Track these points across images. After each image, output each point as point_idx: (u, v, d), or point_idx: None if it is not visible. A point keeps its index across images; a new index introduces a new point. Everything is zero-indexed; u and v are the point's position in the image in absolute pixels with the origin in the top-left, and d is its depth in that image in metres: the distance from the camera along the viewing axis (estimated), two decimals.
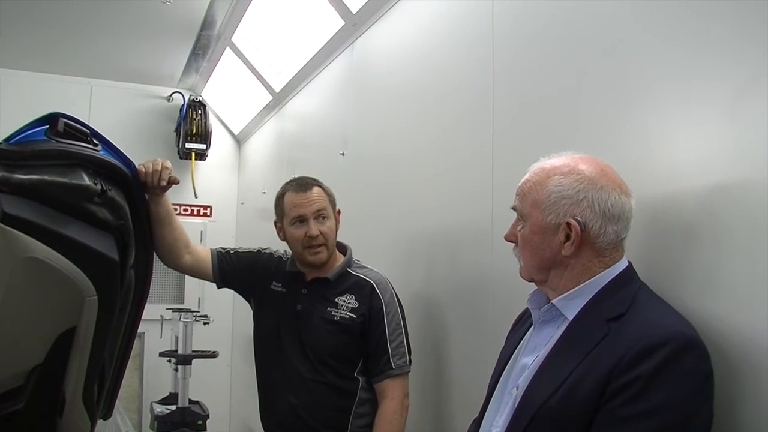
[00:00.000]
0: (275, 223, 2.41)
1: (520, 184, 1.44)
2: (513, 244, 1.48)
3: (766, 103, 1.21)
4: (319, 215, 2.29)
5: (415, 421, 2.37)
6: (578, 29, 1.77)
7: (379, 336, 2.23)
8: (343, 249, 2.42)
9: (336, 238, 2.37)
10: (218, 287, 2.47)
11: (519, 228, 1.44)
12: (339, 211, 2.40)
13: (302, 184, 2.34)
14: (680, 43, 1.41)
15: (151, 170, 2.03)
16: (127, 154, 1.97)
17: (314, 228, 2.27)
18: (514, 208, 1.46)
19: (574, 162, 1.38)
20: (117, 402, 2.21)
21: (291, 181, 2.41)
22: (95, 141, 1.83)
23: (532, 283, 1.47)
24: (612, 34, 1.64)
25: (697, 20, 1.38)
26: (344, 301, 2.27)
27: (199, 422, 4.38)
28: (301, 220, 2.29)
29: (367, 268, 2.38)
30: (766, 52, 1.21)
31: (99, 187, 1.75)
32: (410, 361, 2.27)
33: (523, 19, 2.03)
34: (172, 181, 2.08)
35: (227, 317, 5.37)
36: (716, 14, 1.33)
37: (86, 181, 1.73)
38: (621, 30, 1.60)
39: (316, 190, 2.33)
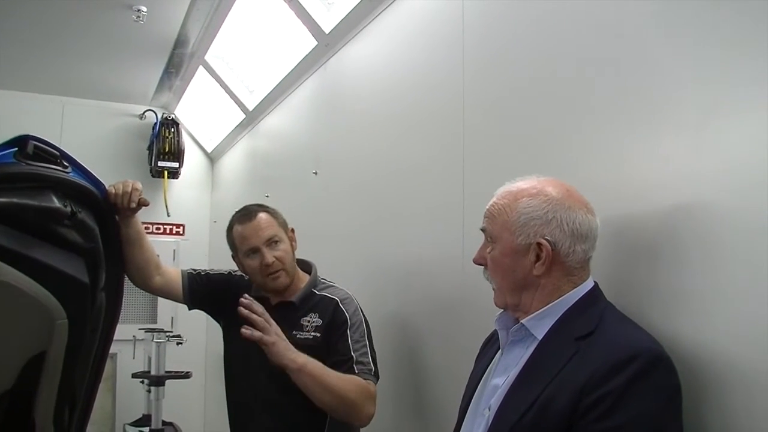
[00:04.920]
0: (233, 257, 2.38)
1: (488, 206, 1.46)
2: (482, 267, 1.48)
3: (727, 126, 1.24)
4: (271, 241, 2.26)
5: None
6: (545, 51, 1.80)
7: (342, 345, 2.16)
8: (307, 267, 2.38)
9: (294, 258, 2.33)
10: (189, 308, 2.45)
11: (489, 250, 1.45)
12: (293, 230, 2.36)
13: (247, 214, 2.30)
14: (646, 66, 1.44)
15: (121, 192, 2.02)
16: (98, 174, 1.96)
17: (268, 256, 2.23)
18: (483, 230, 1.47)
19: (540, 184, 1.41)
20: (89, 425, 2.17)
21: (236, 213, 2.37)
22: (65, 163, 1.81)
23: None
24: (577, 57, 1.67)
25: (662, 43, 1.41)
26: (309, 321, 2.23)
27: None
28: (254, 250, 2.25)
29: (334, 286, 2.35)
30: (728, 78, 1.25)
31: (69, 209, 1.74)
32: (376, 375, 2.17)
33: (493, 41, 2.06)
34: (142, 203, 2.06)
35: (201, 337, 5.32)
36: (682, 38, 1.36)
37: (56, 203, 1.71)
38: (586, 51, 1.63)
39: (262, 216, 2.29)
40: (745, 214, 1.20)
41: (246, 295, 2.05)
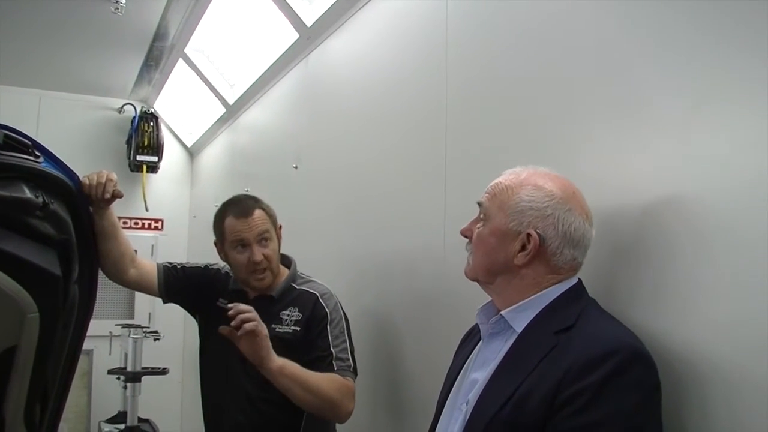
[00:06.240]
0: (215, 243, 2.35)
1: (493, 182, 1.44)
2: (466, 241, 1.47)
3: (715, 121, 1.24)
4: (262, 238, 2.24)
5: None
6: (530, 46, 1.78)
7: (322, 341, 2.15)
8: (287, 262, 2.37)
9: (279, 257, 2.31)
10: (164, 302, 2.42)
11: (478, 226, 1.44)
12: (281, 227, 2.35)
13: (243, 209, 2.26)
14: (634, 61, 1.43)
15: (95, 182, 1.99)
16: (75, 168, 1.92)
17: (257, 253, 2.21)
18: (479, 204, 1.46)
19: (549, 179, 1.39)
20: (63, 422, 2.14)
21: (230, 202, 2.33)
22: (37, 153, 1.77)
23: (477, 285, 1.47)
24: (563, 51, 1.65)
25: (650, 40, 1.40)
26: (288, 315, 2.21)
27: None
28: (243, 244, 2.23)
29: (313, 281, 2.34)
30: (715, 72, 1.24)
31: (41, 200, 1.70)
32: (354, 371, 2.16)
33: (478, 35, 2.04)
34: (116, 195, 2.03)
35: (178, 333, 5.28)
36: (668, 34, 1.35)
37: (27, 194, 1.67)
38: (573, 46, 1.62)
39: (257, 213, 2.25)
40: (733, 211, 1.19)
41: (221, 300, 2.00)
